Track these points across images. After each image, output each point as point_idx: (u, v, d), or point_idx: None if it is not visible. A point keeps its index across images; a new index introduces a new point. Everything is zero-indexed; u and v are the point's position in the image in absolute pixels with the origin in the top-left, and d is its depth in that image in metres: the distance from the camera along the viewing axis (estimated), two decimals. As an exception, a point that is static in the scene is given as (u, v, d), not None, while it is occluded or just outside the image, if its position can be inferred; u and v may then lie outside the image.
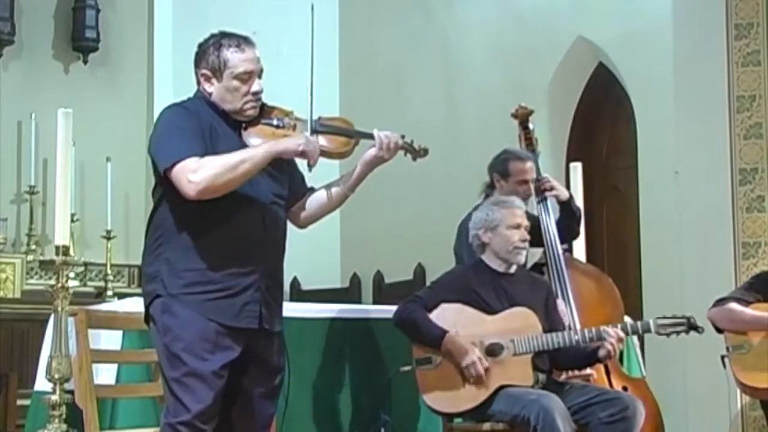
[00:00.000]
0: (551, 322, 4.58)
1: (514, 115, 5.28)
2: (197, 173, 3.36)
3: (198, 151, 3.40)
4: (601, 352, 4.40)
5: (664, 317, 4.44)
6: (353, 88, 8.96)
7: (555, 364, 4.55)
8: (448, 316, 4.47)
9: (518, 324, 4.44)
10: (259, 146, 3.44)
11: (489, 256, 4.62)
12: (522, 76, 7.76)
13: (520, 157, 5.13)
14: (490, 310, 4.49)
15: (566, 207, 5.18)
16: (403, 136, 3.64)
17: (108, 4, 8.70)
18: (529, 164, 5.12)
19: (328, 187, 3.71)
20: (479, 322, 4.45)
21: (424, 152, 3.68)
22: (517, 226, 4.58)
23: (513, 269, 4.62)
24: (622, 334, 4.40)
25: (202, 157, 3.39)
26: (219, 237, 3.45)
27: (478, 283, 4.54)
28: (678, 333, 4.44)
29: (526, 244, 4.63)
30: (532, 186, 5.12)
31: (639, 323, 4.51)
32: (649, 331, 4.47)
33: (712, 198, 6.58)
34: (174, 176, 3.39)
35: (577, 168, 6.12)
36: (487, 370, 4.36)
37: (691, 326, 4.45)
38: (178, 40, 8.48)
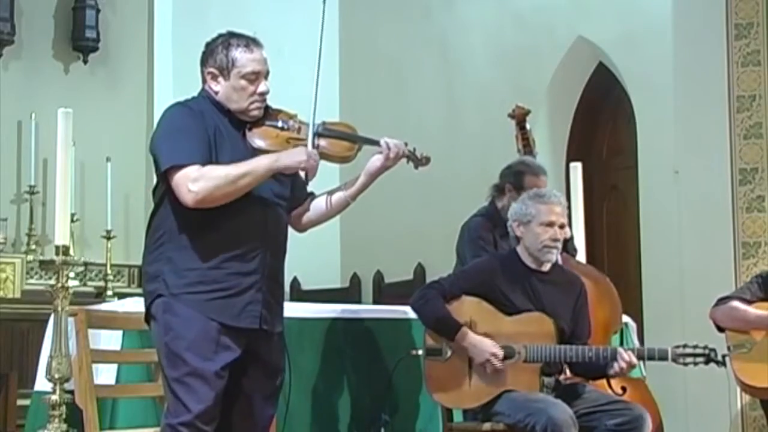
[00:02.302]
0: (577, 326, 4.50)
1: (511, 116, 5.27)
2: (197, 182, 3.37)
3: (200, 157, 3.41)
4: (611, 371, 4.34)
5: (685, 346, 4.32)
6: (353, 88, 8.95)
7: (570, 368, 4.52)
8: (466, 309, 4.42)
9: (534, 329, 4.38)
10: (261, 160, 3.43)
11: (522, 251, 4.53)
12: (522, 76, 7.77)
13: (535, 172, 5.07)
14: (514, 309, 4.42)
15: (565, 245, 5.10)
16: (406, 144, 3.65)
17: (108, 4, 8.70)
18: (543, 178, 5.07)
19: (329, 193, 3.72)
20: (495, 321, 4.40)
21: (426, 161, 3.69)
22: (551, 224, 4.45)
23: (546, 267, 4.53)
24: (635, 361, 4.31)
25: (204, 165, 3.39)
26: (221, 236, 3.45)
27: (506, 279, 4.46)
28: (696, 363, 4.33)
29: (558, 244, 4.52)
30: None
31: (656, 349, 4.38)
32: (665, 359, 4.34)
33: (712, 198, 6.58)
34: (174, 182, 3.40)
35: (577, 168, 6.11)
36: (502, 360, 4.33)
37: (711, 359, 4.32)
38: (178, 40, 8.48)
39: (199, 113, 3.51)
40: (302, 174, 3.52)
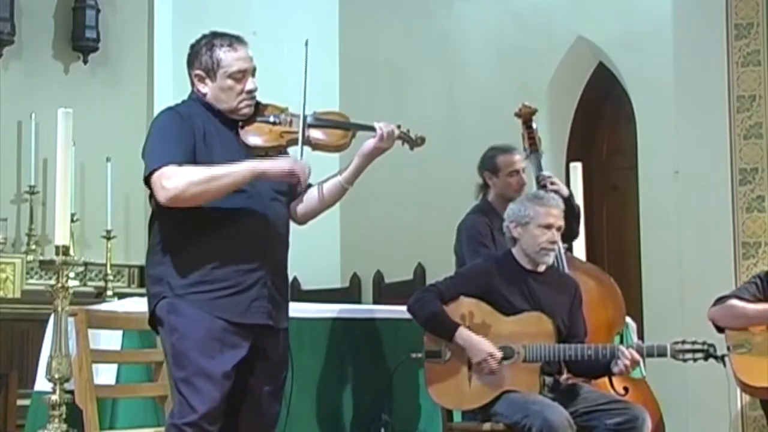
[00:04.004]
0: (573, 326, 4.52)
1: (518, 114, 5.26)
2: (171, 180, 3.37)
3: (179, 159, 3.40)
4: (615, 369, 4.34)
5: (684, 342, 4.32)
6: (353, 87, 8.95)
7: (568, 368, 4.52)
8: (464, 310, 4.43)
9: (532, 329, 4.39)
10: (243, 163, 3.41)
11: (518, 252, 4.54)
12: (522, 76, 7.76)
13: (506, 150, 5.15)
14: (512, 310, 4.43)
15: (566, 204, 5.13)
16: (399, 126, 3.65)
17: (108, 4, 8.70)
18: (517, 156, 5.13)
19: (326, 182, 3.70)
20: (494, 321, 4.41)
21: (421, 141, 3.70)
22: (548, 227, 4.47)
23: (541, 268, 4.54)
24: (637, 357, 4.31)
25: (182, 165, 3.38)
26: (222, 235, 3.45)
27: (503, 280, 4.47)
28: (695, 360, 4.33)
29: (555, 246, 4.56)
30: (524, 176, 5.12)
31: (655, 346, 4.38)
32: (664, 355, 4.34)
33: (712, 198, 6.58)
34: (152, 183, 3.41)
35: (577, 168, 6.12)
36: (499, 362, 4.33)
37: (710, 355, 4.32)
38: (178, 40, 8.47)
39: (187, 117, 3.51)
40: (292, 181, 3.49)
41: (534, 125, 5.26)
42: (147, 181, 3.44)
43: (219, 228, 3.45)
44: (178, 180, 3.36)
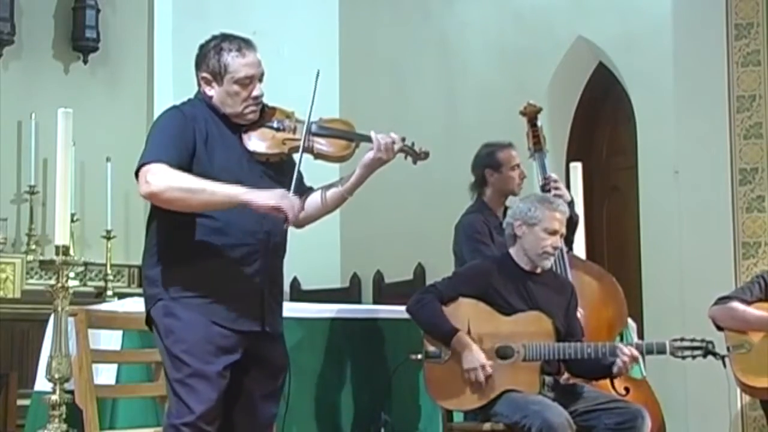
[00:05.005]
0: (570, 327, 4.53)
1: (523, 113, 5.26)
2: (155, 176, 3.35)
3: (173, 160, 3.39)
4: (614, 369, 4.36)
5: (683, 339, 4.34)
6: (353, 88, 8.95)
7: (568, 369, 4.53)
8: (463, 310, 4.44)
9: (532, 328, 4.40)
10: (229, 186, 3.37)
11: (517, 252, 4.56)
12: (522, 76, 7.76)
13: (504, 145, 5.18)
14: (510, 310, 4.44)
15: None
16: (403, 139, 3.62)
17: (108, 4, 8.70)
18: (514, 152, 5.16)
19: (327, 188, 3.69)
20: (493, 321, 4.42)
21: (425, 155, 3.66)
22: (554, 232, 4.49)
23: (539, 270, 4.56)
24: (636, 354, 4.32)
25: (174, 168, 3.37)
26: (219, 241, 3.45)
27: (501, 281, 4.48)
28: (694, 357, 4.34)
29: (557, 251, 4.58)
30: (524, 170, 5.14)
31: (654, 343, 4.41)
32: (664, 352, 4.36)
33: (712, 198, 6.59)
34: (140, 175, 3.40)
35: (577, 168, 6.12)
36: (489, 377, 4.34)
37: (709, 351, 4.34)
38: (178, 40, 8.48)
39: (191, 118, 3.50)
40: (278, 217, 3.40)
41: (539, 124, 5.26)
42: (137, 173, 3.43)
43: (216, 233, 3.44)
44: (161, 179, 3.35)
